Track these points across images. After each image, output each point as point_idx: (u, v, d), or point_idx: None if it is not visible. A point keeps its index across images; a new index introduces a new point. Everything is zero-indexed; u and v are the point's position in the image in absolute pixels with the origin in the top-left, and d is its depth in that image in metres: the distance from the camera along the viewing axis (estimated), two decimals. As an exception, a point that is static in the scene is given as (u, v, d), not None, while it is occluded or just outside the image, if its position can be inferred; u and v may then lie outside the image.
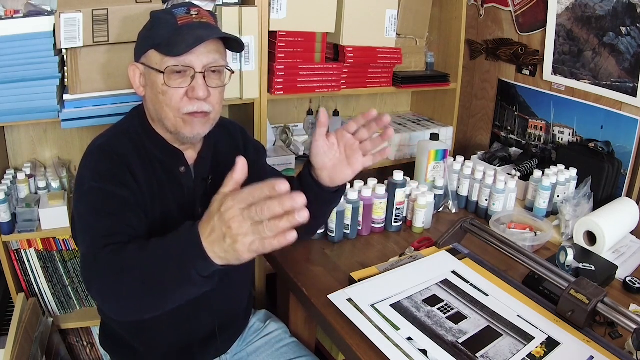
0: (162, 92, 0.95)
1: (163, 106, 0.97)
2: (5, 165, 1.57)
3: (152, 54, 0.96)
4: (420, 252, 1.28)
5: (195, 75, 0.95)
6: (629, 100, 1.58)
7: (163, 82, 0.94)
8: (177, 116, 0.97)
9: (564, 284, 1.03)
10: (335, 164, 1.05)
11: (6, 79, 1.28)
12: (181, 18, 0.95)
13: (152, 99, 0.99)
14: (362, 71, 1.77)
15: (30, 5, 1.36)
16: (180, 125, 0.98)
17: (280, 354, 1.21)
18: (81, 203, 0.95)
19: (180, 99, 0.96)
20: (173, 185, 1.03)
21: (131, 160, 0.98)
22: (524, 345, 0.94)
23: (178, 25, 0.94)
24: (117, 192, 0.93)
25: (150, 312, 0.85)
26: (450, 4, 1.97)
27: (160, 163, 1.02)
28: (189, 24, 0.95)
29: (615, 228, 1.35)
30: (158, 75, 0.95)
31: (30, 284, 1.53)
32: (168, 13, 0.97)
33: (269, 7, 1.51)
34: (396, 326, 0.97)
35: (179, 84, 0.95)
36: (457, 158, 1.66)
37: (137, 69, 1.00)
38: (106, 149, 0.98)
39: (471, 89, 2.20)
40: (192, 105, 0.96)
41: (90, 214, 0.92)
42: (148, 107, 1.02)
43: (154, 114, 1.01)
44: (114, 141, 1.00)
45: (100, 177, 0.94)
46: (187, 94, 0.96)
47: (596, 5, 1.62)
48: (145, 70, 0.98)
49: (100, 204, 0.92)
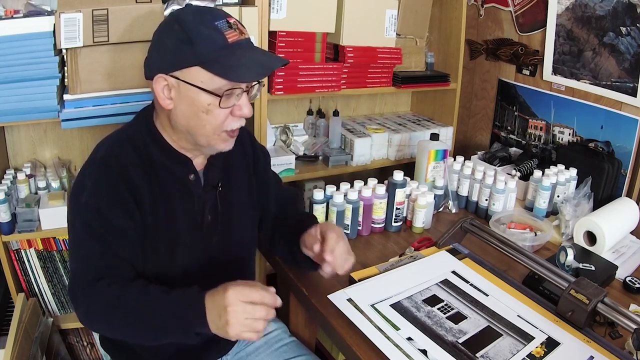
0: (205, 110, 0.92)
1: (204, 124, 0.93)
2: (5, 165, 1.57)
3: (197, 71, 0.89)
4: (420, 252, 1.28)
5: (241, 93, 0.93)
6: (629, 100, 1.58)
7: (210, 102, 0.91)
8: (216, 133, 0.95)
9: (564, 284, 1.03)
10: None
11: (6, 79, 1.28)
12: (229, 34, 0.90)
13: (186, 115, 0.94)
14: (362, 71, 1.77)
15: (30, 5, 1.36)
16: (215, 142, 0.96)
17: (279, 354, 1.21)
18: (76, 214, 0.95)
19: (226, 117, 0.94)
20: (182, 194, 1.01)
21: (134, 172, 0.95)
22: (524, 345, 0.94)
23: (228, 43, 0.89)
24: (115, 220, 0.93)
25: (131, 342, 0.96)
26: (450, 4, 1.97)
27: (168, 170, 1.00)
28: (238, 42, 0.91)
29: (615, 228, 1.35)
30: (201, 93, 0.90)
31: (30, 284, 1.53)
32: (211, 27, 0.89)
33: (269, 7, 1.51)
34: (396, 326, 0.97)
35: (229, 104, 0.93)
36: (457, 158, 1.65)
37: (164, 81, 0.92)
38: (108, 162, 0.95)
39: (471, 89, 2.20)
40: (236, 122, 0.96)
41: (83, 231, 0.93)
42: (175, 120, 0.96)
43: (183, 128, 0.96)
44: (118, 150, 0.97)
45: (98, 194, 0.93)
46: (232, 112, 0.94)
47: (596, 5, 1.62)
48: (181, 85, 0.91)
49: (95, 224, 0.92)
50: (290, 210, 1.24)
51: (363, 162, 1.87)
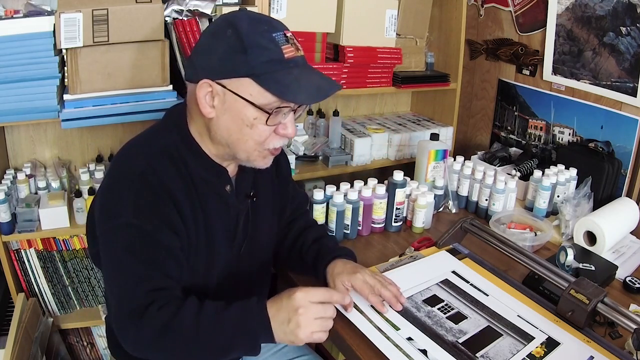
0: (250, 125, 0.88)
1: (246, 139, 0.90)
2: (5, 165, 1.57)
3: (247, 83, 0.85)
4: (420, 252, 1.28)
5: (288, 112, 0.90)
6: (629, 100, 1.58)
7: (256, 117, 0.87)
8: (257, 150, 0.92)
9: (564, 284, 1.03)
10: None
11: (6, 79, 1.28)
12: (286, 49, 0.86)
13: (228, 127, 0.90)
14: (362, 71, 1.77)
15: (30, 5, 1.36)
16: (255, 158, 0.93)
17: (281, 354, 1.21)
18: (115, 238, 0.87)
19: (269, 134, 0.90)
20: (219, 206, 0.98)
21: (174, 187, 0.90)
22: (524, 345, 0.94)
23: (284, 58, 0.85)
24: (158, 237, 0.87)
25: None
26: (450, 4, 1.97)
27: (206, 182, 0.95)
28: (295, 59, 0.87)
29: (615, 228, 1.34)
30: (248, 106, 0.86)
31: (30, 284, 1.53)
32: (268, 38, 0.85)
33: (269, 7, 1.51)
34: (396, 326, 0.97)
35: (276, 122, 0.90)
36: (457, 158, 1.65)
37: (208, 87, 0.87)
38: (149, 179, 0.88)
39: (471, 89, 2.20)
40: (279, 141, 0.93)
41: (127, 255, 0.86)
42: (214, 130, 0.91)
43: (223, 140, 0.92)
44: (156, 165, 0.90)
45: (140, 213, 0.86)
46: (275, 130, 0.91)
47: (596, 5, 1.62)
48: (227, 94, 0.87)
49: (140, 246, 0.86)
50: (300, 222, 1.21)
51: (363, 162, 1.87)
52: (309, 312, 0.84)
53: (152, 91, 1.37)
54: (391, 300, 1.01)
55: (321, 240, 1.14)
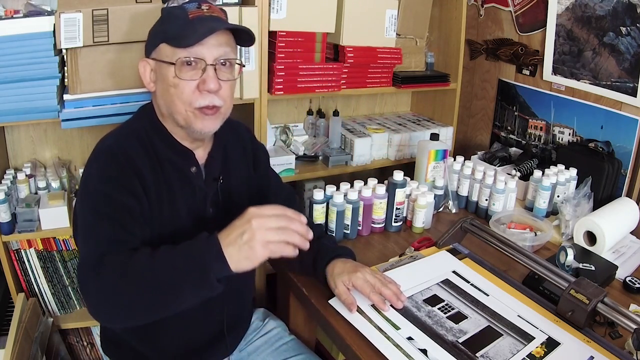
0: (173, 85, 0.95)
1: (174, 99, 0.96)
2: (5, 165, 1.57)
3: (163, 48, 0.96)
4: (420, 252, 1.28)
5: (206, 67, 0.94)
6: (629, 100, 1.58)
7: (174, 75, 0.94)
8: (188, 110, 0.96)
9: (564, 284, 1.03)
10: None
11: (6, 79, 1.28)
12: (192, 12, 0.95)
13: (163, 94, 0.98)
14: (362, 71, 1.77)
15: (30, 5, 1.36)
16: (191, 120, 0.97)
17: (280, 352, 1.21)
18: (84, 203, 0.95)
19: (192, 91, 0.95)
20: (184, 186, 1.02)
21: (140, 163, 0.97)
22: (524, 345, 0.94)
23: (189, 18, 0.94)
24: (122, 200, 0.92)
25: (146, 318, 0.89)
26: (450, 4, 1.97)
27: (171, 163, 1.01)
28: (199, 17, 0.95)
29: (615, 228, 1.34)
30: (169, 68, 0.95)
31: (30, 284, 1.53)
32: (179, 8, 0.97)
33: (269, 7, 1.51)
34: (396, 326, 0.97)
35: (191, 76, 0.94)
36: (457, 158, 1.66)
37: (147, 65, 1.00)
38: (115, 151, 0.96)
39: (471, 89, 2.20)
40: (204, 98, 0.96)
41: (92, 215, 0.92)
42: (158, 102, 1.01)
43: (164, 109, 1.00)
44: (123, 142, 0.98)
45: (107, 181, 0.93)
46: (198, 87, 0.95)
47: (596, 5, 1.62)
48: (156, 64, 0.98)
49: (103, 206, 0.92)
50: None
51: (363, 162, 1.87)
52: (263, 222, 0.81)
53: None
54: (392, 299, 1.01)
55: (320, 240, 1.14)
